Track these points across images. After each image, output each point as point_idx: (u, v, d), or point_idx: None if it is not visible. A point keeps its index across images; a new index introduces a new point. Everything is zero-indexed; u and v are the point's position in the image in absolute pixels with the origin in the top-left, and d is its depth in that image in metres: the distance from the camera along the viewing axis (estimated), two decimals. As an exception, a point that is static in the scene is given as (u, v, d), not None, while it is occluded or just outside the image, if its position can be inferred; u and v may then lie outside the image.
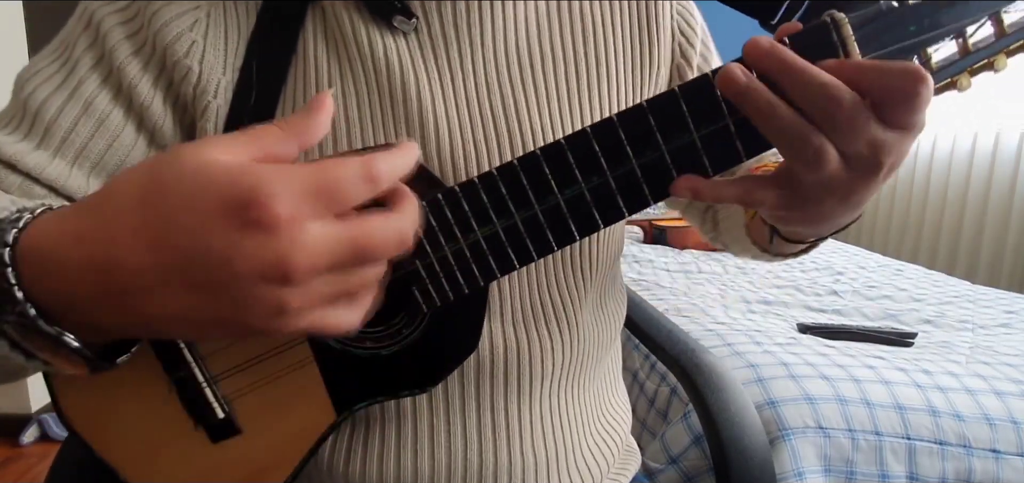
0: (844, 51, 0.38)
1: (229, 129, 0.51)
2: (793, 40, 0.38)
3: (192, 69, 0.50)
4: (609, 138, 0.41)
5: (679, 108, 0.40)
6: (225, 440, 0.47)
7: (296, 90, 0.52)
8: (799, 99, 0.37)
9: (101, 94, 0.50)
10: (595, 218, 0.42)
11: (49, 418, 2.05)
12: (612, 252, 0.60)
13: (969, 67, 0.40)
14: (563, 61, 0.56)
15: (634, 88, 0.59)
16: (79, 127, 0.50)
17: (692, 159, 0.41)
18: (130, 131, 0.51)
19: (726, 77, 0.38)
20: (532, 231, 0.42)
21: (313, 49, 0.52)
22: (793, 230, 0.50)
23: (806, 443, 0.93)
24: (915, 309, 1.55)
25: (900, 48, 0.39)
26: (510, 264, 0.43)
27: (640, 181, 0.41)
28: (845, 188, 0.39)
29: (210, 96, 0.51)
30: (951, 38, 0.39)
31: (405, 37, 0.53)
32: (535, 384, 0.55)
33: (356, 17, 0.52)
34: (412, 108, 0.51)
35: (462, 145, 0.52)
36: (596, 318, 0.59)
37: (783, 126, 0.37)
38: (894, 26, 0.39)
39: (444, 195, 0.42)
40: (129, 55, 0.50)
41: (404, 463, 0.53)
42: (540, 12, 0.56)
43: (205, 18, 0.51)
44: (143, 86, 0.51)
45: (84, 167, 0.51)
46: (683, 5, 0.63)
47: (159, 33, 0.50)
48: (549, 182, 0.41)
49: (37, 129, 0.50)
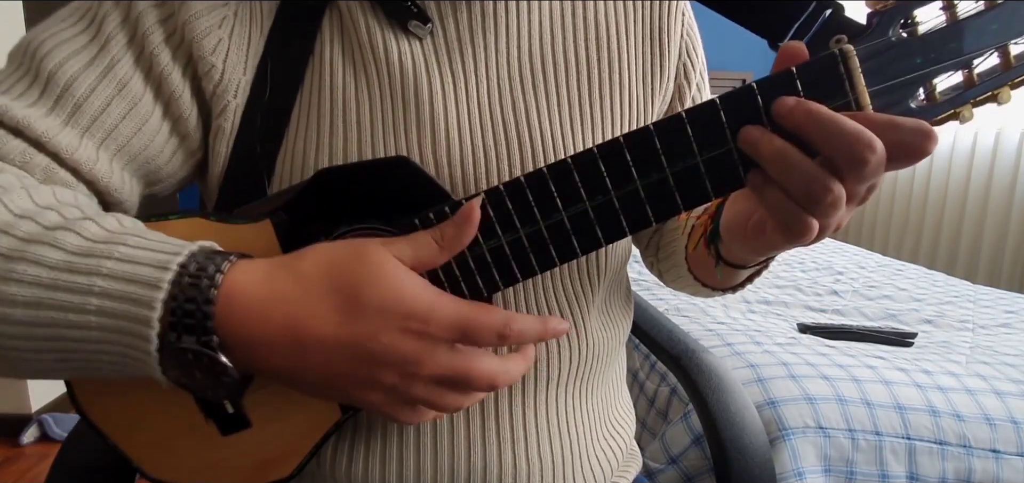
0: (850, 83, 0.38)
1: (244, 126, 0.51)
2: (800, 71, 0.39)
3: (215, 67, 0.50)
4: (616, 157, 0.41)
5: (685, 133, 0.40)
6: (235, 433, 0.48)
7: (311, 91, 0.52)
8: (826, 148, 0.38)
9: (136, 77, 0.49)
10: (597, 236, 0.43)
11: (49, 418, 2.05)
12: (619, 259, 0.60)
13: (973, 99, 0.40)
14: (576, 67, 0.56)
15: (645, 95, 0.59)
16: (112, 107, 0.48)
17: (695, 182, 0.41)
18: (157, 117, 0.50)
19: (747, 137, 0.39)
20: (536, 246, 0.43)
21: (329, 51, 0.52)
22: (740, 255, 0.51)
23: (806, 443, 0.93)
24: (915, 309, 1.55)
25: (907, 80, 0.39)
26: (512, 277, 0.44)
27: (643, 201, 0.42)
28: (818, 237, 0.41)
29: (230, 96, 0.51)
30: (957, 69, 0.39)
31: (420, 41, 0.53)
32: (540, 389, 0.55)
33: (372, 20, 0.52)
34: (424, 112, 0.51)
35: (473, 150, 0.52)
36: (603, 324, 0.59)
37: (807, 177, 0.38)
38: (901, 58, 0.39)
39: (452, 207, 0.43)
40: (162, 41, 0.49)
41: (406, 465, 0.53)
42: (554, 17, 0.56)
43: (233, 16, 0.51)
44: (174, 75, 0.50)
45: (110, 149, 0.48)
46: (691, 25, 0.63)
47: (188, 24, 0.49)
48: (554, 199, 0.42)
49: (64, 103, 0.46)
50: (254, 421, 0.48)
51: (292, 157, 0.51)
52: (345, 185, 0.45)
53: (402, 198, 0.44)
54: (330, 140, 0.51)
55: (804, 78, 0.38)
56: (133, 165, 0.51)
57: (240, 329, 0.38)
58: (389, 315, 0.39)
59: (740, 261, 0.52)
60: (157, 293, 0.36)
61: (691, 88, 0.62)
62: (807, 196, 0.38)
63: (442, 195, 0.44)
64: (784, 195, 0.39)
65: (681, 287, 0.67)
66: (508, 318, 0.41)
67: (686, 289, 0.66)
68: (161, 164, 0.52)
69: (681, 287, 0.67)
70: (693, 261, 0.59)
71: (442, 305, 0.40)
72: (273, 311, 0.38)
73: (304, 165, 0.51)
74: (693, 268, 0.60)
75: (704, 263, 0.57)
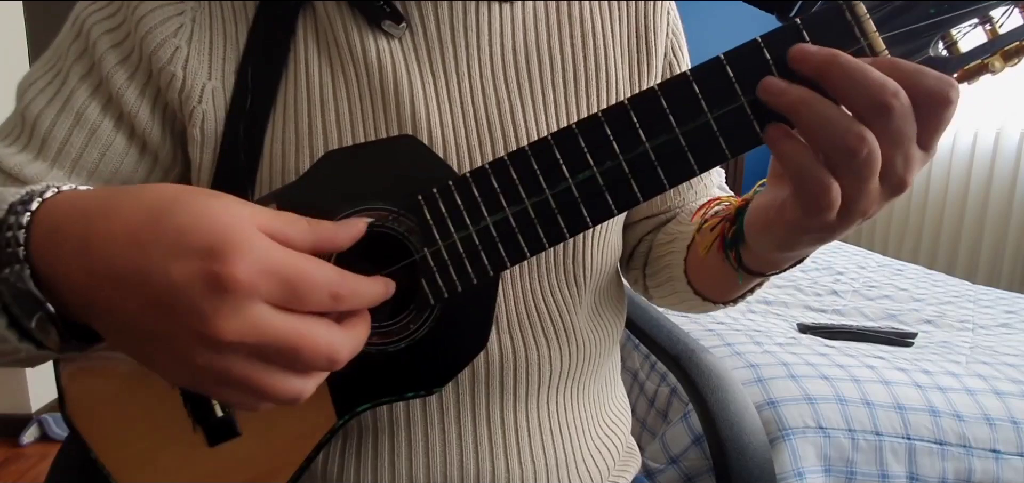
0: (860, 29, 0.37)
1: (227, 135, 0.51)
2: (806, 22, 0.38)
3: (176, 75, 0.50)
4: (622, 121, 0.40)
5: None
6: (223, 443, 0.46)
7: (288, 93, 0.52)
8: (847, 95, 0.35)
9: (91, 105, 0.51)
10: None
11: (49, 418, 2.05)
12: (607, 258, 0.59)
13: (1002, 49, 0.38)
14: (560, 65, 0.55)
15: (631, 90, 0.58)
16: (73, 138, 0.51)
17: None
18: (121, 140, 0.52)
19: (770, 87, 0.37)
20: (544, 217, 0.42)
21: (304, 52, 0.52)
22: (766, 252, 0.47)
23: (806, 443, 0.93)
24: (915, 309, 1.55)
25: (921, 28, 0.38)
26: (519, 252, 0.43)
27: (654, 164, 0.41)
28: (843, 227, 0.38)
29: (195, 101, 0.51)
30: (976, 20, 0.38)
31: (399, 40, 0.52)
32: (531, 391, 0.54)
33: (348, 20, 0.52)
34: (405, 112, 0.51)
35: (455, 149, 0.51)
36: (593, 325, 0.59)
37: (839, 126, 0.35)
38: (912, 6, 0.38)
39: (455, 182, 0.42)
40: (116, 64, 0.51)
41: (399, 471, 0.52)
42: (536, 14, 0.56)
43: (189, 23, 0.51)
44: (129, 95, 0.51)
45: (81, 176, 0.51)
46: (676, 24, 0.62)
47: (144, 40, 0.50)
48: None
49: (35, 141, 0.51)
50: (244, 428, 0.46)
51: (272, 161, 0.51)
52: (350, 166, 0.44)
53: (407, 178, 0.43)
54: (310, 141, 0.51)
55: (811, 28, 0.37)
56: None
57: (46, 256, 0.35)
58: (185, 243, 0.31)
59: (764, 264, 0.48)
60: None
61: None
62: (839, 148, 0.35)
63: (448, 172, 0.43)
64: (807, 153, 0.36)
65: (671, 301, 0.64)
66: (340, 278, 0.35)
67: (677, 304, 0.64)
68: (140, 182, 0.53)
69: (671, 301, 0.64)
70: (695, 269, 0.57)
71: (255, 246, 0.32)
72: (71, 231, 0.34)
73: (284, 168, 0.50)
74: (693, 279, 0.58)
75: (711, 272, 0.55)
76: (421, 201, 0.42)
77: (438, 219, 0.42)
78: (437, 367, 0.47)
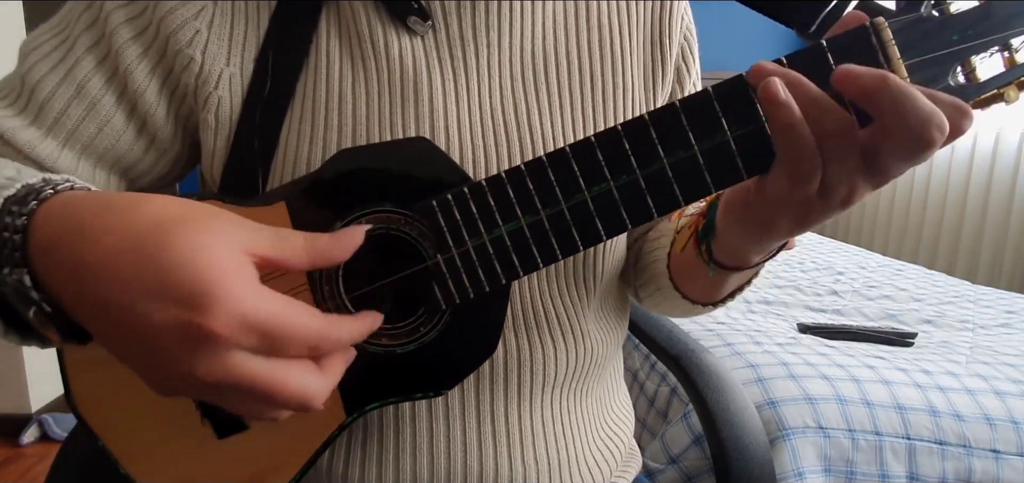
0: (884, 55, 0.37)
1: (243, 122, 0.51)
2: (830, 44, 0.37)
3: (194, 59, 0.50)
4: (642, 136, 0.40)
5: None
6: (231, 436, 0.47)
7: (307, 84, 0.52)
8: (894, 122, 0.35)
9: (95, 77, 0.50)
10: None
11: (49, 418, 2.05)
12: (616, 262, 0.59)
13: (1018, 79, 0.38)
14: (578, 66, 0.55)
15: (646, 96, 0.58)
16: (71, 110, 0.50)
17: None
18: (120, 118, 0.51)
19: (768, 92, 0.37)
20: (558, 229, 0.42)
21: (326, 44, 0.52)
22: (736, 247, 0.48)
23: (806, 443, 0.93)
24: (915, 309, 1.55)
25: (943, 56, 0.38)
26: (532, 263, 0.43)
27: (670, 180, 0.41)
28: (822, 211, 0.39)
29: (211, 87, 0.51)
30: (996, 49, 0.38)
31: (421, 37, 0.52)
32: (536, 391, 0.55)
33: (372, 15, 0.52)
34: (424, 109, 0.51)
35: (473, 149, 0.51)
36: (600, 327, 0.59)
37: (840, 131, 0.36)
38: (935, 33, 0.38)
39: (471, 189, 0.42)
40: (128, 39, 0.50)
41: (403, 468, 0.52)
42: (557, 17, 0.56)
43: (212, 6, 0.51)
44: (139, 72, 0.50)
45: (74, 148, 0.51)
46: (690, 27, 0.62)
47: (164, 20, 0.49)
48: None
49: (32, 106, 0.50)
50: (252, 424, 0.46)
51: (287, 151, 0.51)
52: (363, 167, 0.44)
53: (420, 181, 0.43)
54: (325, 133, 0.51)
55: (835, 51, 0.37)
56: (104, 162, 0.52)
57: (40, 269, 0.36)
58: (166, 287, 0.31)
59: (734, 256, 0.49)
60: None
61: (685, 90, 0.62)
62: (917, 140, 0.35)
63: (461, 177, 0.43)
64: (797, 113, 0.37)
65: (658, 304, 0.64)
66: (323, 328, 0.35)
67: (664, 306, 0.63)
68: (133, 161, 0.53)
69: (658, 304, 0.64)
70: (676, 268, 0.57)
71: (235, 297, 0.31)
72: (62, 257, 0.34)
73: (297, 159, 0.50)
74: (675, 276, 0.58)
75: (689, 269, 0.55)
76: (435, 207, 0.42)
77: (452, 226, 0.42)
78: (445, 370, 0.47)
